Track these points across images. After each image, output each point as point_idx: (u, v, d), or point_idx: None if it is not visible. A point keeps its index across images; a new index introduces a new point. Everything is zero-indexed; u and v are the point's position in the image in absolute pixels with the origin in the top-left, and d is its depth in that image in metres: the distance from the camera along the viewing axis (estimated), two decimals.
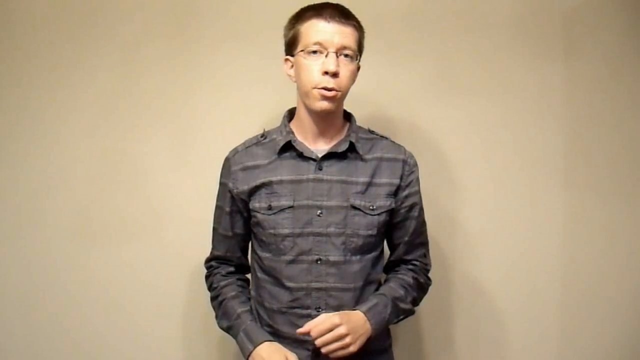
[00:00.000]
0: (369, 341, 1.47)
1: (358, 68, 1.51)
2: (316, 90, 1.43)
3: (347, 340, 1.39)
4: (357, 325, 1.42)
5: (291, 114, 1.58)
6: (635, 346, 1.95)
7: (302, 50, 1.44)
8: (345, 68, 1.43)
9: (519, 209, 1.95)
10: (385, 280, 1.60)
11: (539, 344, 1.96)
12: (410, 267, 1.61)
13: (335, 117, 1.52)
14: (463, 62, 1.93)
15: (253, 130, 1.64)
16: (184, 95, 1.94)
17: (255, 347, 1.46)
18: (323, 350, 1.41)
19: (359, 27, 1.48)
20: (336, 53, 1.42)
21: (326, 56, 1.42)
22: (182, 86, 1.94)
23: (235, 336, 1.52)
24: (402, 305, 1.53)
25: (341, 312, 1.43)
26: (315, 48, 1.42)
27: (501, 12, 1.92)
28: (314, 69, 1.43)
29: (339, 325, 1.39)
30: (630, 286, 1.95)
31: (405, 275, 1.58)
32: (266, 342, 1.47)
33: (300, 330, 1.43)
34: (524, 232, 1.95)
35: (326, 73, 1.41)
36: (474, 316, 1.97)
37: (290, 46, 1.48)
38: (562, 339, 1.96)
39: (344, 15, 1.44)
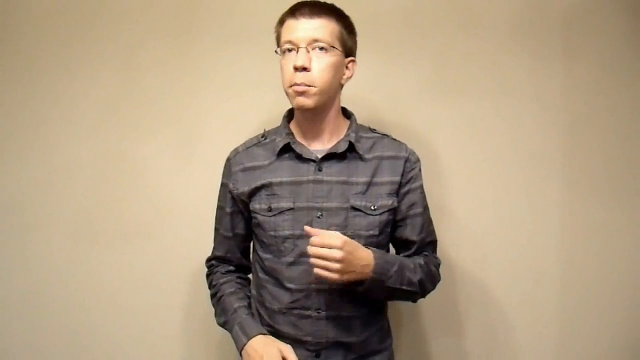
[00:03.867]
0: (368, 339, 1.49)
1: (352, 62, 1.50)
2: (291, 88, 1.43)
3: (336, 266, 1.35)
4: (356, 262, 1.38)
5: (291, 114, 1.57)
6: (633, 346, 1.96)
7: (280, 49, 1.46)
8: (318, 61, 1.41)
9: (518, 210, 1.95)
10: None
11: (538, 341, 1.97)
12: (422, 254, 1.59)
13: (327, 115, 1.50)
14: (461, 62, 1.92)
15: (255, 131, 1.65)
16: (186, 96, 1.95)
17: (249, 340, 1.46)
18: (310, 260, 1.36)
19: (337, 20, 1.45)
20: (307, 48, 1.41)
21: (297, 53, 1.41)
22: (184, 87, 1.95)
23: (230, 330, 1.53)
24: (408, 274, 1.47)
25: (352, 241, 1.38)
26: (287, 46, 1.43)
27: (500, 12, 1.91)
28: (287, 68, 1.43)
29: (338, 248, 1.34)
30: (628, 286, 1.96)
31: (417, 258, 1.55)
32: (260, 335, 1.47)
33: (307, 229, 1.38)
34: (523, 232, 1.95)
35: (296, 69, 1.41)
36: (472, 314, 1.98)
37: (277, 45, 1.49)
38: (560, 337, 1.97)
39: (315, 10, 1.43)
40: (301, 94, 1.42)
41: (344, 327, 1.49)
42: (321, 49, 1.41)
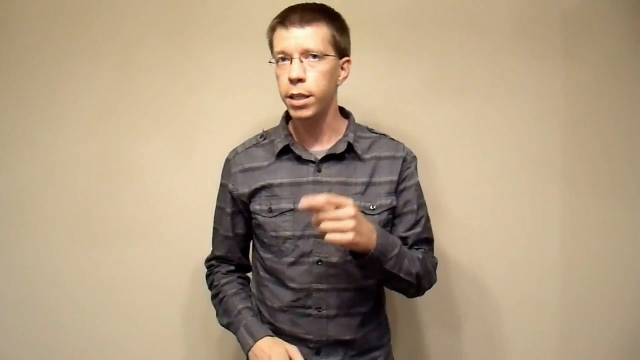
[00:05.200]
0: (368, 336, 1.51)
1: (347, 62, 1.49)
2: (288, 100, 1.44)
3: (351, 224, 1.28)
4: (365, 225, 1.32)
5: (289, 115, 1.57)
6: (635, 345, 1.96)
7: (274, 59, 1.46)
8: (313, 70, 1.41)
9: (519, 209, 1.95)
10: None
11: (539, 342, 1.97)
12: (420, 250, 1.58)
13: (325, 118, 1.51)
14: (462, 62, 1.92)
15: (254, 131, 1.65)
16: (183, 95, 1.96)
17: (256, 342, 1.48)
18: (322, 226, 1.28)
19: (328, 23, 1.43)
20: (300, 58, 1.41)
21: (291, 63, 1.42)
22: (181, 87, 1.96)
23: (235, 332, 1.54)
24: (407, 263, 1.44)
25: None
26: (280, 57, 1.43)
27: (501, 12, 1.91)
28: (283, 78, 1.43)
29: (351, 206, 1.29)
30: (631, 285, 1.95)
31: (415, 252, 1.54)
32: (267, 337, 1.49)
33: (303, 200, 1.29)
34: (524, 232, 1.95)
35: (292, 81, 1.41)
36: (472, 315, 1.98)
37: (271, 51, 1.50)
38: (561, 337, 1.97)
39: (305, 18, 1.41)
40: (300, 107, 1.43)
41: (344, 326, 1.51)
42: (314, 57, 1.41)
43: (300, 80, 1.41)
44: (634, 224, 1.94)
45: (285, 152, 1.52)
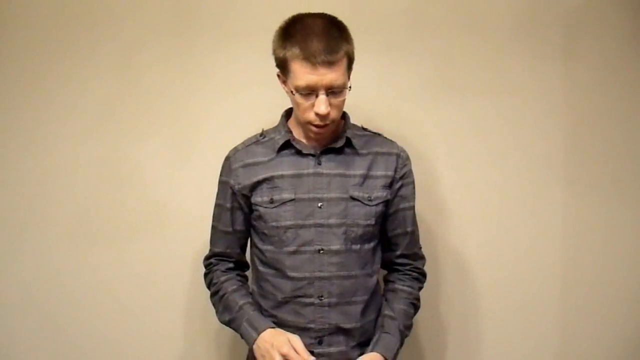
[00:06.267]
0: (369, 325, 1.56)
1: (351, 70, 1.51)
2: (308, 125, 1.48)
3: None
4: None
5: (289, 113, 1.61)
6: (635, 346, 1.95)
7: (294, 88, 1.44)
8: (335, 102, 1.45)
9: (520, 209, 1.95)
10: (393, 291, 1.62)
11: (539, 343, 1.96)
12: (416, 275, 1.65)
13: None
14: (463, 62, 1.93)
15: (254, 130, 1.66)
16: (184, 95, 1.96)
17: (259, 335, 1.49)
18: None
19: (345, 46, 1.43)
20: (326, 92, 1.42)
21: (316, 96, 1.43)
22: (182, 87, 1.96)
23: (238, 328, 1.55)
24: (407, 333, 1.60)
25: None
26: (306, 93, 1.43)
27: (502, 12, 1.92)
28: (307, 108, 1.45)
29: None
30: (632, 287, 1.95)
31: (413, 288, 1.63)
32: (269, 329, 1.50)
33: None
34: (525, 232, 1.95)
35: (318, 115, 1.44)
36: (473, 315, 1.98)
37: (280, 67, 1.48)
38: (562, 338, 1.96)
39: (332, 56, 1.40)
40: (320, 132, 1.49)
41: (345, 314, 1.53)
42: (337, 90, 1.44)
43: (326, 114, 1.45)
44: (636, 224, 1.94)
45: (286, 147, 1.55)
